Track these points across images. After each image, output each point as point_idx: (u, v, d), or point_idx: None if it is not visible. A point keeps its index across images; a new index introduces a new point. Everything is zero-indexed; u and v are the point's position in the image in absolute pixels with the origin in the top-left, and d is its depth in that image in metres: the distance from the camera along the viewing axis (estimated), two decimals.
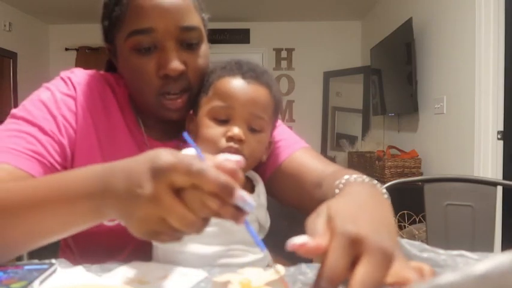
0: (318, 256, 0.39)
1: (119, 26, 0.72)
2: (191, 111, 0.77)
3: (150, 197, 0.42)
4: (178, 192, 0.43)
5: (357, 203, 0.50)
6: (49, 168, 0.68)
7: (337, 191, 0.60)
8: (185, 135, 0.50)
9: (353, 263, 0.37)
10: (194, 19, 0.73)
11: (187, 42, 0.73)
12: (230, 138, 0.68)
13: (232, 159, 0.47)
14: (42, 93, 0.75)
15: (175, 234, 0.45)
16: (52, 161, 0.69)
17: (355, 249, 0.37)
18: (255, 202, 0.43)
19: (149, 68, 0.71)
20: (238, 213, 0.43)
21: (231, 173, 0.44)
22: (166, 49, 0.70)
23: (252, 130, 0.71)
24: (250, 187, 0.78)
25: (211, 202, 0.42)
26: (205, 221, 0.44)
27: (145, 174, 0.43)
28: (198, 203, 0.42)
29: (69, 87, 0.76)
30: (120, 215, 0.46)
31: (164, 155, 0.43)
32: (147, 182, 0.43)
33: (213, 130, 0.69)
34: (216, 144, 0.69)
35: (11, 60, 4.53)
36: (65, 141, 0.72)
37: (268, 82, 0.74)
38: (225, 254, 0.68)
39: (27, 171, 0.65)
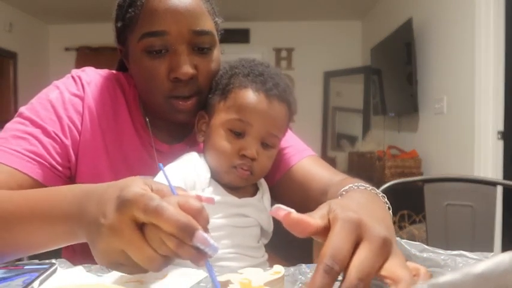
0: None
1: (132, 27, 0.72)
2: (203, 110, 0.76)
3: (111, 227, 0.42)
4: (142, 226, 0.42)
5: (357, 202, 0.51)
6: (49, 170, 0.69)
7: (339, 197, 0.61)
8: (160, 166, 0.51)
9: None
10: (207, 23, 0.73)
11: (200, 47, 0.72)
12: (243, 156, 0.69)
13: (203, 197, 0.47)
14: (51, 92, 0.74)
15: (137, 267, 0.43)
16: (53, 162, 0.70)
17: (357, 233, 0.37)
18: (218, 245, 0.42)
19: (160, 70, 0.71)
20: (198, 254, 0.41)
21: (195, 212, 0.42)
22: (178, 52, 0.70)
23: (265, 145, 0.72)
24: (253, 191, 0.78)
25: (169, 241, 0.40)
26: (166, 259, 0.42)
27: (111, 204, 0.42)
28: (158, 241, 0.41)
29: (78, 87, 0.76)
30: (88, 242, 0.46)
31: (133, 187, 0.42)
32: (110, 212, 0.42)
33: (227, 144, 0.70)
34: (229, 158, 0.70)
35: (11, 60, 4.53)
36: (69, 143, 0.72)
37: (289, 99, 0.75)
38: (222, 257, 0.68)
39: (26, 173, 0.66)
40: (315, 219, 0.39)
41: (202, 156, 0.75)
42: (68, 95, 0.74)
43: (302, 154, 0.82)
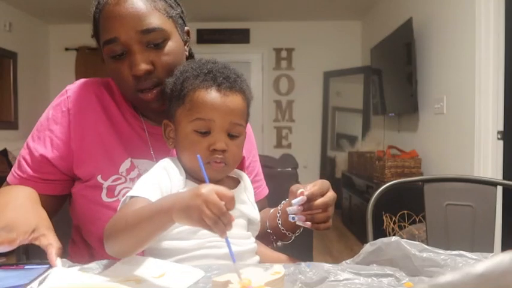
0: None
1: (98, 38, 0.85)
2: (166, 119, 0.82)
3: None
4: None
5: None
6: (26, 180, 0.85)
7: (279, 207, 0.90)
8: (198, 157, 0.66)
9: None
10: (154, 21, 0.81)
11: (153, 43, 0.81)
12: (214, 151, 0.74)
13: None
14: (43, 116, 0.90)
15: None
16: (33, 174, 0.85)
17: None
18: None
19: (124, 70, 0.81)
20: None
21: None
22: (133, 53, 0.80)
23: (232, 136, 0.77)
24: (234, 184, 0.83)
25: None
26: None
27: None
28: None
29: (63, 102, 0.88)
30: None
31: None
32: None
33: (197, 144, 0.75)
34: (202, 157, 0.73)
35: (11, 60, 4.53)
36: (49, 153, 0.85)
37: (242, 87, 0.78)
38: (203, 245, 0.73)
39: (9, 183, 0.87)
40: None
41: (177, 160, 0.80)
42: (52, 111, 0.88)
43: (265, 190, 1.05)
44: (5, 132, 4.35)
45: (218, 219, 0.55)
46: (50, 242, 0.70)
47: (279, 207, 0.91)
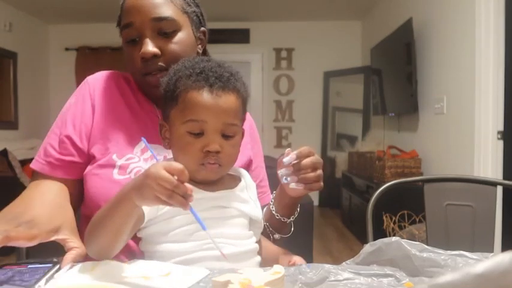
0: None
1: (119, 25, 0.92)
2: (161, 120, 0.82)
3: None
4: None
5: None
6: (53, 164, 0.88)
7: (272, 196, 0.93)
8: (143, 140, 0.67)
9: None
10: (167, 11, 0.88)
11: (163, 31, 0.88)
12: (208, 152, 0.73)
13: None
14: (65, 105, 0.95)
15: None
16: (59, 156, 0.88)
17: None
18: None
19: (135, 54, 0.88)
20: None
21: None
22: (144, 37, 0.88)
23: (226, 136, 0.75)
24: (234, 184, 0.82)
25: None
26: None
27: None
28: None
29: (85, 88, 0.94)
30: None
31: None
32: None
33: (190, 145, 0.74)
34: (195, 158, 0.74)
35: (11, 60, 4.53)
36: (74, 131, 0.89)
37: (236, 86, 0.77)
38: (201, 247, 0.72)
39: (35, 170, 0.89)
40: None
41: (173, 161, 0.78)
42: (74, 99, 0.94)
43: (269, 197, 1.00)
44: (5, 132, 4.35)
45: (172, 193, 0.57)
46: (76, 245, 0.72)
47: (271, 196, 0.93)
